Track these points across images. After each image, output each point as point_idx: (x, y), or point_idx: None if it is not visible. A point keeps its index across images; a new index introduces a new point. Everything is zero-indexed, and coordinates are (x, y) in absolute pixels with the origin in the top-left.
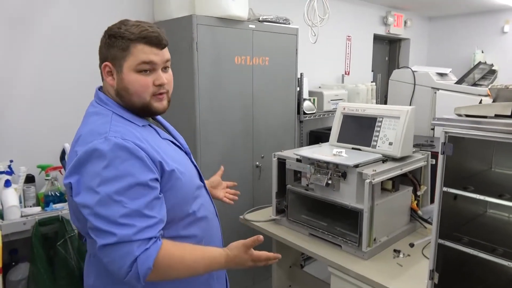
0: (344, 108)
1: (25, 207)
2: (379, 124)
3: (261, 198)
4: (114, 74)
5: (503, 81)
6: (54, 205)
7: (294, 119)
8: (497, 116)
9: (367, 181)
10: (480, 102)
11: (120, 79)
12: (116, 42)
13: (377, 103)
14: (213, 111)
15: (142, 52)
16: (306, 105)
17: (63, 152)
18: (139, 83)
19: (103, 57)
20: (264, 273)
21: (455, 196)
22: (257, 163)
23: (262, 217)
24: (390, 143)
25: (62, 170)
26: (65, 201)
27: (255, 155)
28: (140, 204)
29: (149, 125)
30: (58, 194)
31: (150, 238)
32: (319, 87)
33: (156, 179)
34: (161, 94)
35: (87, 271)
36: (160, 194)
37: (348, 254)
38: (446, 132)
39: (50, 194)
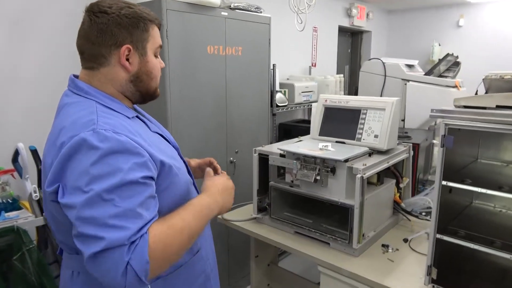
0: (326, 100)
1: None
2: (363, 116)
3: (237, 196)
4: (134, 58)
5: (461, 74)
6: (6, 214)
7: (267, 112)
8: (498, 107)
9: (359, 176)
10: (476, 93)
11: (144, 62)
12: (138, 23)
13: (344, 94)
14: (185, 103)
15: (158, 36)
16: (279, 97)
17: (16, 153)
18: (158, 67)
19: (120, 40)
20: (238, 272)
21: (450, 189)
22: (231, 158)
23: (241, 216)
24: (376, 136)
25: (15, 173)
26: (19, 208)
27: (229, 150)
28: (134, 202)
29: (137, 117)
30: (10, 201)
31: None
32: (287, 79)
33: (151, 177)
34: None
35: None
36: (155, 193)
37: (337, 252)
38: (446, 124)
39: (1, 201)
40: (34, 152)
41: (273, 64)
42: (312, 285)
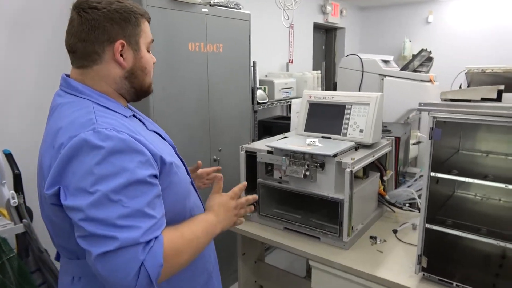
0: (310, 96)
1: None
2: (348, 111)
3: None
4: (128, 54)
5: (431, 69)
6: None
7: (249, 109)
8: (483, 99)
9: (348, 170)
10: (460, 87)
11: (138, 58)
12: (130, 18)
13: (322, 90)
14: (167, 101)
15: (149, 30)
16: (259, 94)
17: None
18: (151, 62)
19: (113, 35)
20: (225, 269)
21: (437, 180)
22: (215, 156)
23: None
24: (361, 130)
25: None
26: None
27: (213, 148)
28: (141, 202)
29: (134, 116)
30: None
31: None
32: (266, 76)
33: (155, 176)
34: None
35: None
36: (160, 192)
37: (328, 246)
38: (434, 117)
39: None
40: (8, 156)
41: (254, 61)
42: (299, 279)
